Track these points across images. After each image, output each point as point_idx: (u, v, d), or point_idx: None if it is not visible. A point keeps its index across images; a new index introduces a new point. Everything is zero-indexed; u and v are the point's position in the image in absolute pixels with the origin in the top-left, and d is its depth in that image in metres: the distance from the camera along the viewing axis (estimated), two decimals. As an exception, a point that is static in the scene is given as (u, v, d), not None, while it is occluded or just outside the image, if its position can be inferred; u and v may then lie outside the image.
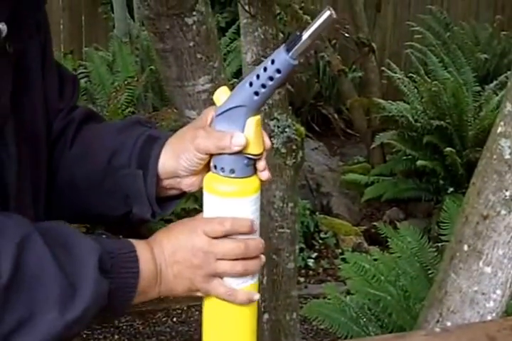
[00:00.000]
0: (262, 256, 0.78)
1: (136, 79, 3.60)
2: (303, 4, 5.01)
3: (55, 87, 0.89)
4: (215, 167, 0.76)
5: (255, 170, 0.77)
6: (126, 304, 0.74)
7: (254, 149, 0.75)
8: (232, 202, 0.75)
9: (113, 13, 4.27)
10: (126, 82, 3.52)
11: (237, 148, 0.74)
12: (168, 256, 0.76)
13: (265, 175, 0.77)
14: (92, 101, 3.59)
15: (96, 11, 4.90)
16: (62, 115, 0.90)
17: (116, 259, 0.72)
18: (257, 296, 0.77)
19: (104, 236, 0.76)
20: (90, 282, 0.68)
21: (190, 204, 2.98)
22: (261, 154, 0.76)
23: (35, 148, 0.83)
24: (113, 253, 0.72)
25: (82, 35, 5.02)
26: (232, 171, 0.75)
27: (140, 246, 0.75)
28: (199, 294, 0.78)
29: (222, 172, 0.75)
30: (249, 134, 0.74)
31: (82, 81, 3.75)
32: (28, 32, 0.81)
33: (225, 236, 0.75)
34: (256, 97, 0.73)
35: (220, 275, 0.76)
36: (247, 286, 0.77)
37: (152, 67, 3.89)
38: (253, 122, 0.74)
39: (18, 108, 0.80)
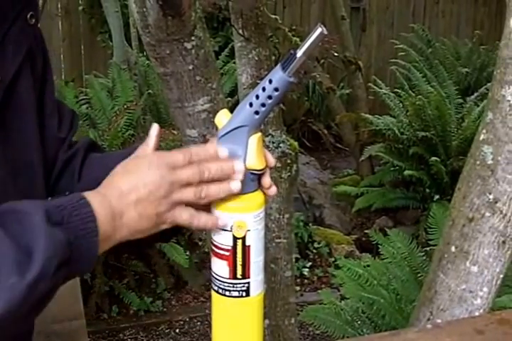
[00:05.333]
0: (234, 183, 0.76)
1: (134, 103, 3.65)
2: (294, 27, 5.17)
3: (55, 117, 0.89)
4: None
5: (259, 185, 0.79)
6: (93, 252, 0.70)
7: (257, 165, 0.78)
8: (241, 217, 0.77)
9: (111, 41, 4.32)
10: (125, 107, 3.57)
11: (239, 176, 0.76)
12: (127, 197, 0.73)
13: (273, 190, 0.79)
14: (93, 125, 3.62)
15: (94, 40, 4.95)
16: (65, 146, 0.90)
17: (67, 210, 0.69)
18: (220, 222, 0.77)
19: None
20: (42, 236, 0.65)
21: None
22: (264, 169, 0.79)
23: (30, 176, 0.83)
24: (62, 205, 0.70)
25: (81, 64, 5.06)
26: None
27: (89, 193, 0.72)
28: (165, 226, 0.76)
29: None
30: (252, 151, 0.77)
31: (84, 107, 3.78)
32: (15, 58, 0.81)
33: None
34: (256, 116, 0.76)
35: (184, 202, 0.75)
36: (260, 293, 0.81)
37: (150, 91, 3.97)
38: (255, 140, 0.77)
39: (7, 136, 0.80)
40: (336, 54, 4.47)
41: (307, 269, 3.59)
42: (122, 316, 3.24)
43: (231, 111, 0.80)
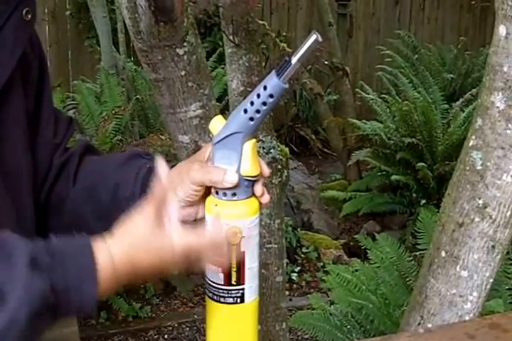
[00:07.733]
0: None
1: (123, 108, 3.65)
2: (284, 33, 5.20)
3: (51, 123, 0.90)
4: (217, 192, 0.78)
5: (253, 191, 0.79)
6: (89, 298, 0.67)
7: (252, 171, 0.77)
8: (236, 223, 0.77)
9: (99, 46, 4.30)
10: (113, 112, 3.58)
11: (228, 185, 0.76)
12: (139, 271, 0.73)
13: (266, 198, 0.79)
14: (81, 131, 3.59)
15: (81, 45, 4.95)
16: (60, 151, 0.90)
17: (61, 253, 0.67)
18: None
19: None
20: (19, 282, 0.63)
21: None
22: (258, 175, 0.78)
23: (17, 181, 0.84)
24: (56, 247, 0.68)
25: (68, 69, 5.06)
26: (234, 194, 0.78)
27: (99, 249, 0.70)
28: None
29: (224, 197, 0.78)
30: (247, 158, 0.77)
31: (71, 112, 3.77)
32: (10, 60, 0.80)
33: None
34: (251, 123, 0.76)
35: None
36: (254, 299, 0.83)
37: (138, 96, 3.97)
38: (250, 146, 0.77)
39: None
40: (325, 62, 4.49)
41: (296, 274, 3.60)
42: (111, 322, 3.22)
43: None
